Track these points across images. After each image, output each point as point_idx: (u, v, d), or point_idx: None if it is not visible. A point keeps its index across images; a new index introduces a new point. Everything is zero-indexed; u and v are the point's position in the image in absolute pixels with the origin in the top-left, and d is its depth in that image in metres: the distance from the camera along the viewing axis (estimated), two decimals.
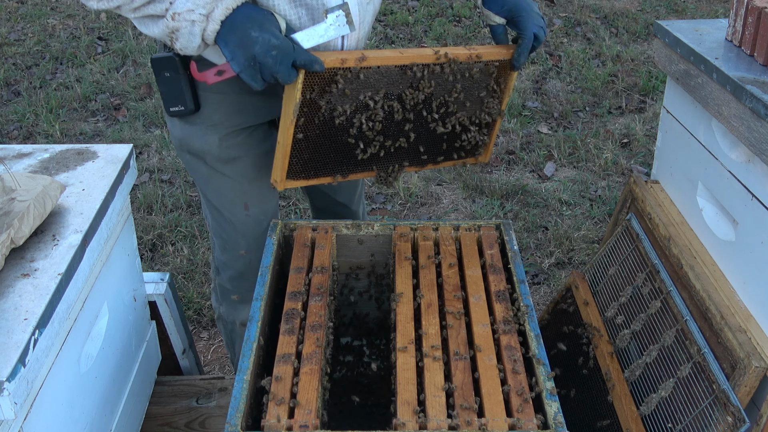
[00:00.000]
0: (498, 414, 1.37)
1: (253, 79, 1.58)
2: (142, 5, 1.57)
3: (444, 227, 1.89)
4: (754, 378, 1.52)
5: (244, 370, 1.47)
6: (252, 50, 1.55)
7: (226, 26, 1.57)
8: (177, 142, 1.94)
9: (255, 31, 1.55)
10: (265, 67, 1.56)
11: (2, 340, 1.24)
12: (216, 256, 2.13)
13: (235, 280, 2.08)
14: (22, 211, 1.44)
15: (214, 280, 2.24)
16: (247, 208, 1.95)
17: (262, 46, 1.55)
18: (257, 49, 1.55)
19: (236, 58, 1.56)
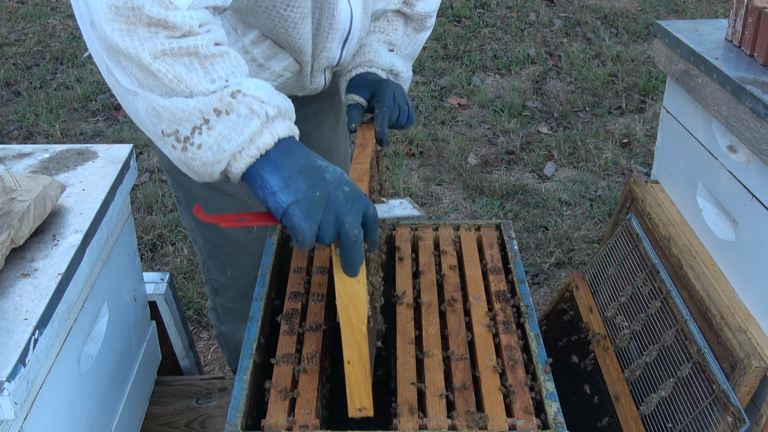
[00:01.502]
0: (498, 414, 1.37)
1: (309, 217, 1.16)
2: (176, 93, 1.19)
3: (444, 227, 1.89)
4: (754, 378, 1.52)
5: (244, 370, 1.47)
6: (321, 177, 1.19)
7: (281, 148, 1.21)
8: (168, 165, 1.84)
9: (322, 161, 1.23)
10: (333, 204, 1.17)
11: (2, 340, 1.24)
12: (213, 278, 2.08)
13: (237, 299, 2.04)
14: (22, 211, 1.44)
15: (213, 300, 2.20)
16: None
17: (334, 175, 1.20)
18: (329, 177, 1.20)
19: (292, 186, 1.17)
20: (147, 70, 1.16)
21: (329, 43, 1.66)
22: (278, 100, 1.21)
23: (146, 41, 1.14)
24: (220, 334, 2.30)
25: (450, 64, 5.21)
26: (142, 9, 1.12)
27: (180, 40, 1.16)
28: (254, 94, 1.18)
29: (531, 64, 5.20)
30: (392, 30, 1.88)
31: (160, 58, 1.15)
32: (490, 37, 5.60)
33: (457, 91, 4.87)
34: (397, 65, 1.82)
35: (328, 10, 1.63)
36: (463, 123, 4.51)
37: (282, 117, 1.22)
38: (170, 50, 1.15)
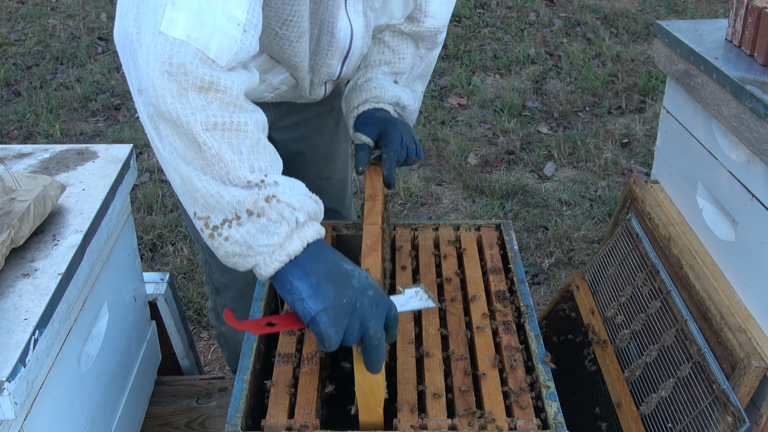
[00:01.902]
0: (498, 414, 1.37)
1: (336, 323, 1.20)
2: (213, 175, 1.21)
3: (444, 227, 1.89)
4: (754, 378, 1.52)
5: (244, 370, 1.47)
6: (348, 284, 1.22)
7: (310, 252, 1.24)
8: None
9: (348, 264, 1.25)
10: (358, 311, 1.21)
11: (2, 340, 1.24)
12: (214, 277, 2.09)
13: (238, 299, 2.05)
14: (22, 211, 1.44)
15: (213, 301, 2.21)
16: None
17: (359, 280, 1.23)
18: (355, 283, 1.22)
19: (321, 293, 1.20)
20: (193, 141, 1.18)
21: (329, 59, 1.67)
22: (309, 205, 1.25)
23: (198, 110, 1.16)
24: (220, 334, 2.30)
25: (450, 64, 5.21)
26: (193, 71, 1.15)
27: (232, 114, 1.19)
28: (288, 200, 1.22)
29: (531, 64, 5.20)
30: (399, 60, 1.85)
31: (210, 131, 1.18)
32: (490, 37, 5.60)
33: (457, 91, 4.87)
34: (403, 98, 1.82)
35: (327, 28, 1.62)
36: (463, 123, 4.51)
37: (311, 220, 1.26)
38: (221, 124, 1.18)
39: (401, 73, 1.86)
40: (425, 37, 1.85)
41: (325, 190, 2.07)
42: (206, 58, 1.17)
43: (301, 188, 1.27)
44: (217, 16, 1.18)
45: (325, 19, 1.61)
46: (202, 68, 1.16)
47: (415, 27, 1.82)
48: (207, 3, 1.18)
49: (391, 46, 1.83)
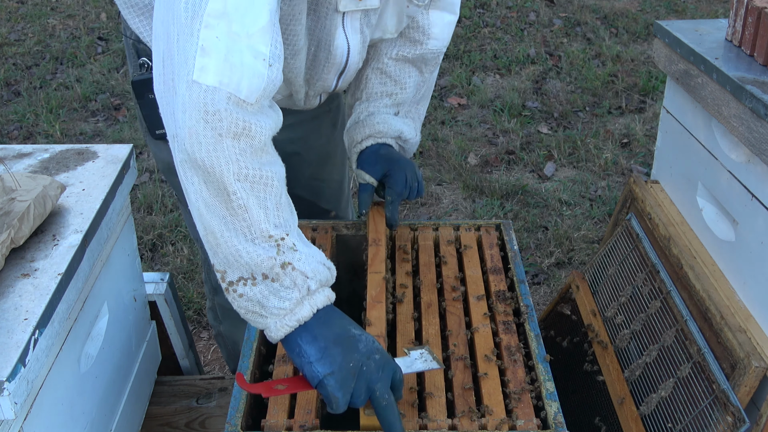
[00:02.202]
0: (498, 414, 1.37)
1: (343, 387, 1.24)
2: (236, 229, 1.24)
3: (444, 227, 1.89)
4: (754, 378, 1.52)
5: (244, 370, 1.47)
6: (355, 348, 1.25)
7: (319, 318, 1.28)
8: (165, 166, 1.87)
9: (356, 329, 1.29)
10: (365, 374, 1.24)
11: (2, 340, 1.24)
12: (212, 276, 2.10)
13: None
14: (22, 211, 1.44)
15: (211, 300, 2.21)
16: None
17: (366, 345, 1.27)
18: (362, 348, 1.26)
19: (328, 357, 1.24)
20: (223, 190, 1.22)
21: (325, 74, 1.68)
22: (322, 273, 1.29)
23: (232, 160, 1.20)
24: (218, 334, 2.30)
25: (450, 64, 5.21)
26: (227, 116, 1.19)
27: (262, 166, 1.23)
28: (302, 269, 1.26)
29: (531, 64, 5.20)
30: (401, 90, 1.85)
31: (242, 182, 1.21)
32: (490, 37, 5.60)
33: (457, 91, 4.87)
34: (405, 132, 1.83)
35: (324, 45, 1.63)
36: (463, 123, 4.51)
37: (323, 287, 1.30)
38: (252, 176, 1.22)
39: (403, 103, 1.87)
40: (428, 60, 1.85)
41: (321, 191, 2.07)
42: (239, 100, 1.20)
43: (317, 256, 1.31)
44: (245, 55, 1.21)
45: (322, 36, 1.61)
46: (235, 112, 1.20)
47: (418, 50, 1.81)
48: (234, 43, 1.20)
49: (394, 77, 1.83)
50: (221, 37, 1.20)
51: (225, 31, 1.20)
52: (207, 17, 1.20)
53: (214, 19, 1.20)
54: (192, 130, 1.20)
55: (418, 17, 1.78)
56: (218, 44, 1.19)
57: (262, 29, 1.23)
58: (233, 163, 1.21)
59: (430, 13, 1.79)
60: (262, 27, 1.23)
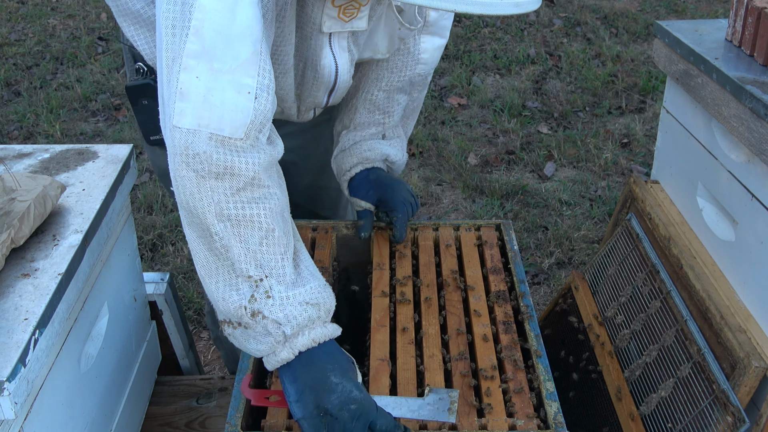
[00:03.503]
0: (498, 414, 1.37)
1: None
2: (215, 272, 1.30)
3: (444, 227, 1.89)
4: (754, 378, 1.52)
5: (244, 370, 1.47)
6: (327, 399, 1.26)
7: (302, 360, 1.29)
8: (161, 171, 1.89)
9: (336, 377, 1.28)
10: (337, 423, 1.25)
11: (2, 340, 1.24)
12: None
13: None
14: (22, 211, 1.44)
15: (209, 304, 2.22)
16: None
17: (340, 396, 1.26)
18: (334, 399, 1.26)
19: (303, 402, 1.27)
20: (207, 231, 1.26)
21: (315, 91, 1.68)
22: (300, 316, 1.28)
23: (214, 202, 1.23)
24: (217, 337, 2.30)
25: (450, 64, 5.21)
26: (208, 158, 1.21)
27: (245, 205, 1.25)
28: (274, 316, 1.27)
29: (531, 64, 5.20)
30: (388, 119, 1.86)
31: (223, 222, 1.25)
32: (490, 37, 5.60)
33: (457, 91, 4.87)
34: (392, 155, 1.86)
35: (311, 64, 1.63)
36: (463, 123, 4.51)
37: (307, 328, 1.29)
38: (234, 216, 1.25)
39: (389, 128, 1.88)
40: (416, 83, 1.87)
41: (320, 199, 2.07)
42: (223, 138, 1.22)
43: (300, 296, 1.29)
44: (226, 92, 1.22)
45: (308, 55, 1.61)
46: (216, 153, 1.22)
47: (407, 75, 1.82)
48: (215, 81, 1.22)
49: (382, 108, 1.84)
50: (202, 77, 1.22)
51: (206, 70, 1.22)
52: (186, 59, 1.21)
53: (193, 59, 1.22)
54: (176, 174, 1.23)
55: (410, 42, 1.78)
56: (198, 84, 1.21)
57: (246, 62, 1.24)
58: (215, 204, 1.23)
59: (421, 38, 1.79)
60: (245, 60, 1.24)
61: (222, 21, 1.22)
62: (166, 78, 1.24)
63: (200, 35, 1.21)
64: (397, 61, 1.79)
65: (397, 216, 1.78)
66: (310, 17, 1.52)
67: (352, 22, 1.55)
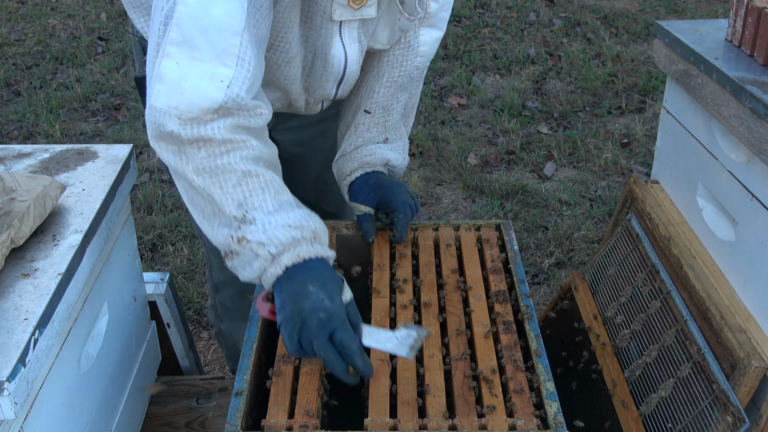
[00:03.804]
0: (498, 414, 1.37)
1: (290, 337, 1.37)
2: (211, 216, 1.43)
3: (444, 227, 1.89)
4: (754, 378, 1.52)
5: (244, 370, 1.47)
6: (302, 304, 1.37)
7: (288, 273, 1.40)
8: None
9: (313, 286, 1.39)
10: (306, 327, 1.35)
11: (2, 340, 1.24)
12: (214, 274, 2.12)
13: (236, 298, 2.07)
14: (22, 211, 1.44)
15: (213, 298, 2.23)
16: None
17: (313, 303, 1.37)
18: (307, 305, 1.36)
19: (283, 310, 1.38)
20: (191, 186, 1.41)
21: (324, 83, 1.70)
22: (283, 236, 1.39)
23: (190, 161, 1.38)
24: (219, 332, 2.30)
25: (450, 64, 5.21)
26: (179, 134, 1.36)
27: (217, 157, 1.38)
28: (257, 239, 1.38)
29: (531, 64, 5.20)
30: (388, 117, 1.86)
31: (201, 176, 1.39)
32: (490, 37, 5.60)
33: (457, 91, 4.87)
34: (392, 160, 1.86)
35: (321, 54, 1.64)
36: (463, 123, 4.51)
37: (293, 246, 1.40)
38: (209, 168, 1.38)
39: (391, 128, 1.88)
40: (414, 77, 1.87)
41: (325, 195, 2.07)
42: (190, 119, 1.35)
43: (282, 219, 1.40)
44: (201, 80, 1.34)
45: (318, 45, 1.63)
46: (185, 130, 1.35)
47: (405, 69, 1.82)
48: (192, 68, 1.34)
49: (384, 105, 1.84)
50: (181, 63, 1.35)
51: (186, 57, 1.34)
52: (168, 46, 1.35)
53: (176, 47, 1.34)
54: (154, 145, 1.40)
55: (409, 34, 1.79)
56: (175, 70, 1.34)
57: (223, 53, 1.34)
58: (192, 164, 1.38)
59: (421, 30, 1.79)
60: (222, 50, 1.34)
61: (199, 13, 1.34)
62: (151, 61, 1.37)
63: (181, 26, 1.34)
64: (397, 55, 1.79)
65: (398, 216, 1.78)
66: (320, 6, 1.56)
67: (362, 9, 1.58)
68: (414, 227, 1.88)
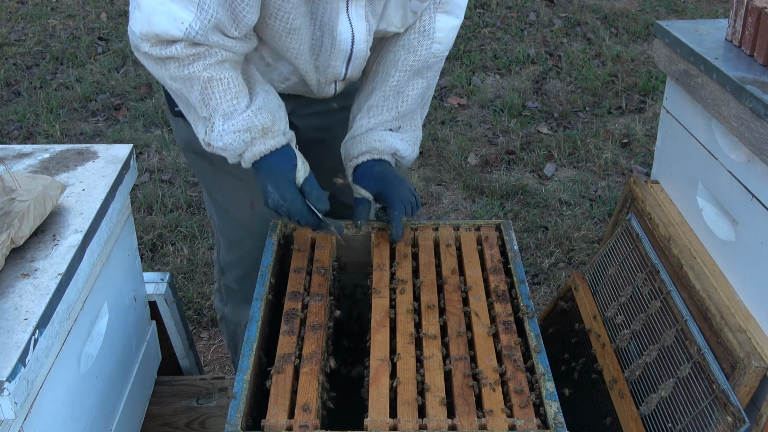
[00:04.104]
0: (498, 414, 1.37)
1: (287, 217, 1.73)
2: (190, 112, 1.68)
3: (444, 227, 1.89)
4: (754, 378, 1.52)
5: (244, 370, 1.47)
6: (269, 201, 1.70)
7: (255, 167, 1.69)
8: (182, 143, 1.97)
9: (270, 186, 1.68)
10: (285, 216, 1.71)
11: (2, 340, 1.24)
12: (221, 256, 2.14)
13: (241, 279, 2.09)
14: (22, 211, 1.44)
15: (218, 281, 2.25)
16: (253, 206, 1.96)
17: (273, 201, 1.68)
18: (271, 202, 1.69)
19: (263, 199, 1.71)
20: (171, 89, 1.65)
21: (333, 61, 1.74)
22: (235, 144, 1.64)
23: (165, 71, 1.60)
24: (222, 317, 2.32)
25: (450, 64, 5.21)
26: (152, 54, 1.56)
27: (185, 67, 1.58)
28: (218, 145, 1.65)
29: (531, 64, 5.20)
30: (402, 103, 1.86)
31: (175, 82, 1.61)
32: (490, 37, 5.60)
33: (457, 91, 4.87)
34: (401, 150, 1.87)
35: (328, 31, 1.67)
36: (463, 123, 4.51)
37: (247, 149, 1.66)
38: (179, 77, 1.60)
39: (404, 116, 1.88)
40: (431, 64, 1.86)
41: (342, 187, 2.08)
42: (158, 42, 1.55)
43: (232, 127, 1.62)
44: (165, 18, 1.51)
45: (324, 22, 1.65)
46: (155, 50, 1.56)
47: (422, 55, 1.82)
48: (161, 5, 1.51)
49: (399, 90, 1.84)
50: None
51: None
52: None
53: None
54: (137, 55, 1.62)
55: (425, 20, 1.80)
56: (150, 4, 1.52)
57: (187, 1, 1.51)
58: (166, 74, 1.60)
59: (436, 16, 1.80)
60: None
61: None
62: None
63: None
64: (412, 40, 1.81)
65: (394, 214, 1.79)
66: None
67: None
68: (414, 227, 1.88)
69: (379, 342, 1.54)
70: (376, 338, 1.55)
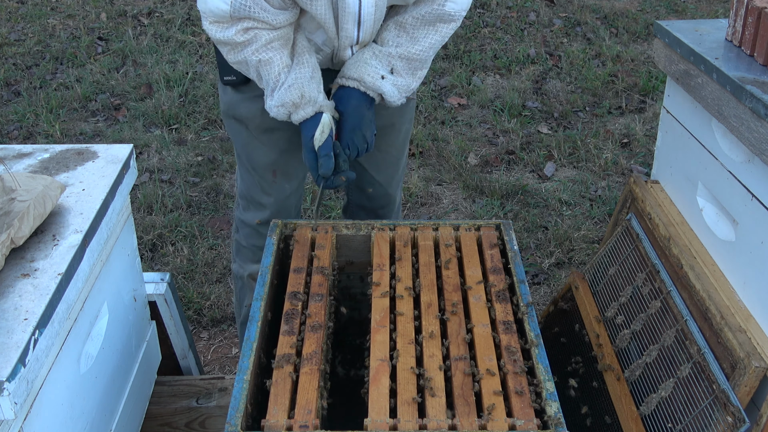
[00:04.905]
0: (498, 414, 1.37)
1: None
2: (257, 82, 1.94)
3: (444, 227, 1.89)
4: (754, 378, 1.52)
5: (244, 370, 1.47)
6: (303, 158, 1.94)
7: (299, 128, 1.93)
8: (225, 107, 2.16)
9: (303, 147, 1.92)
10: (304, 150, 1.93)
11: (2, 340, 1.24)
12: (237, 215, 2.32)
13: (251, 237, 2.27)
14: (22, 211, 1.44)
15: (233, 239, 2.44)
16: (275, 175, 2.16)
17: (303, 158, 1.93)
18: (303, 159, 1.93)
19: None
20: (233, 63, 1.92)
21: (345, 24, 1.85)
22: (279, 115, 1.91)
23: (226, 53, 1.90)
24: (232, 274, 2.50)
25: (450, 64, 5.21)
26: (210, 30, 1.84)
27: (237, 54, 1.87)
28: (272, 114, 1.92)
29: (531, 64, 5.20)
30: (410, 44, 1.93)
31: (236, 64, 1.91)
32: (490, 37, 5.60)
33: (457, 91, 4.87)
34: (388, 95, 1.94)
35: None
36: (463, 123, 4.51)
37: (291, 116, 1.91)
38: (235, 62, 1.90)
39: (406, 58, 1.94)
40: (446, 19, 1.93)
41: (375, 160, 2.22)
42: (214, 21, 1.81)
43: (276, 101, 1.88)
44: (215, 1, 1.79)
45: None
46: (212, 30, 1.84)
47: (437, 10, 1.90)
48: None
49: (410, 32, 1.93)
50: None
51: None
52: None
53: None
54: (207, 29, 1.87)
55: None
56: None
57: None
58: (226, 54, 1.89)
59: None
60: None
61: None
62: None
63: None
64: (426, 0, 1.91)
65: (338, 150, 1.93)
66: None
67: None
68: (414, 227, 1.88)
69: (379, 342, 1.54)
70: (376, 338, 1.55)
